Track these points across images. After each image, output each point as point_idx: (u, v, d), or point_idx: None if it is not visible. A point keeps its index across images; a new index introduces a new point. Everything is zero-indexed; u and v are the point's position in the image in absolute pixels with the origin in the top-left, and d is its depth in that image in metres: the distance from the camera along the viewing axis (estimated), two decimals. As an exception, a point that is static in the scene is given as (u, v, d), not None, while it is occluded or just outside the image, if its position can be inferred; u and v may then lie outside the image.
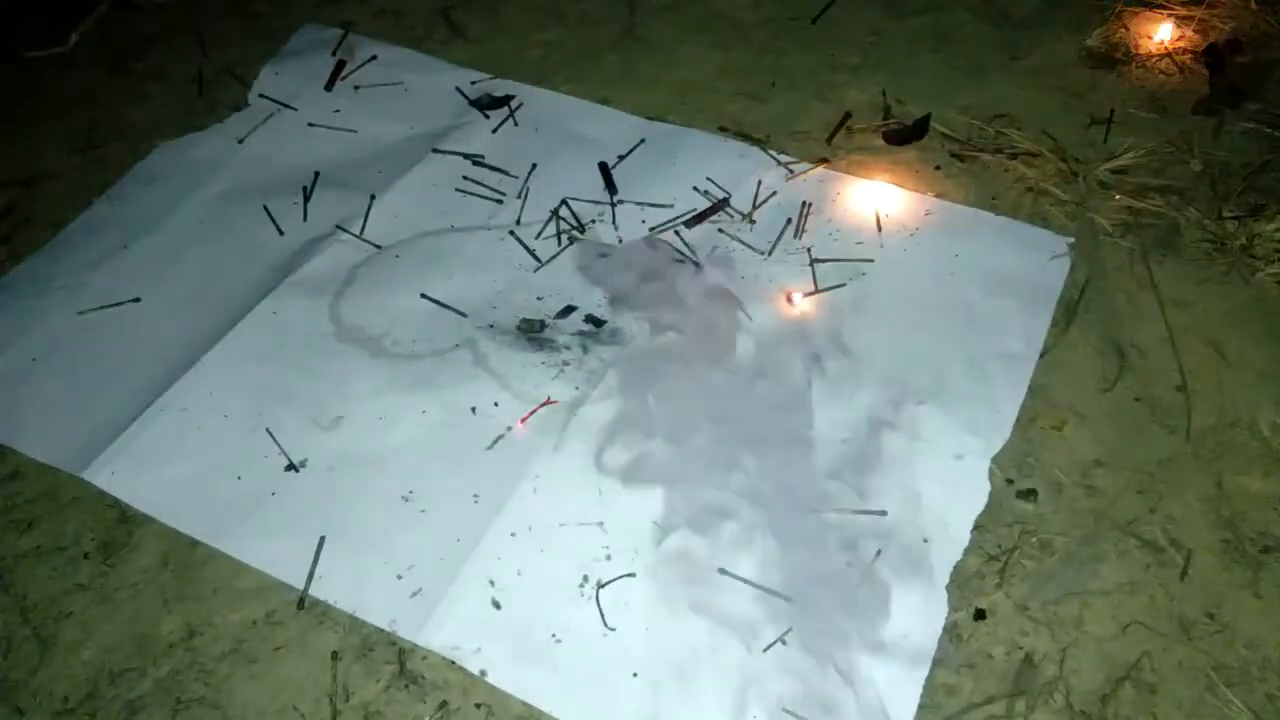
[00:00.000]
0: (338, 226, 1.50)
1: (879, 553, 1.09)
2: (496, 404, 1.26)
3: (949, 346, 1.28)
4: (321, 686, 1.04)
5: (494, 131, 1.63)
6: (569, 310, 1.37)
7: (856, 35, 1.75)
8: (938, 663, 1.02)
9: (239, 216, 1.53)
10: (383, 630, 1.07)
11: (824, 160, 1.54)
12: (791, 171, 1.52)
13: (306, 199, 1.54)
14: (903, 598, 1.06)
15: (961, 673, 1.02)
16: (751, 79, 1.69)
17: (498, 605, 1.08)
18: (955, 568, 1.08)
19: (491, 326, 1.35)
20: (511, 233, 1.47)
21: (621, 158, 1.56)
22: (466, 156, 1.58)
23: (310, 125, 1.66)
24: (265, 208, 1.53)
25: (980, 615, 1.06)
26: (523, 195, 1.52)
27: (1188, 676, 1.00)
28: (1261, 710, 0.98)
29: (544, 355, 1.31)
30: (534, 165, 1.56)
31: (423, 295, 1.39)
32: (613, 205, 1.50)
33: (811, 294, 1.36)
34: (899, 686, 1.00)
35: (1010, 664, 1.02)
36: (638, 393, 1.25)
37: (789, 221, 1.45)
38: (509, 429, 1.23)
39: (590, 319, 1.35)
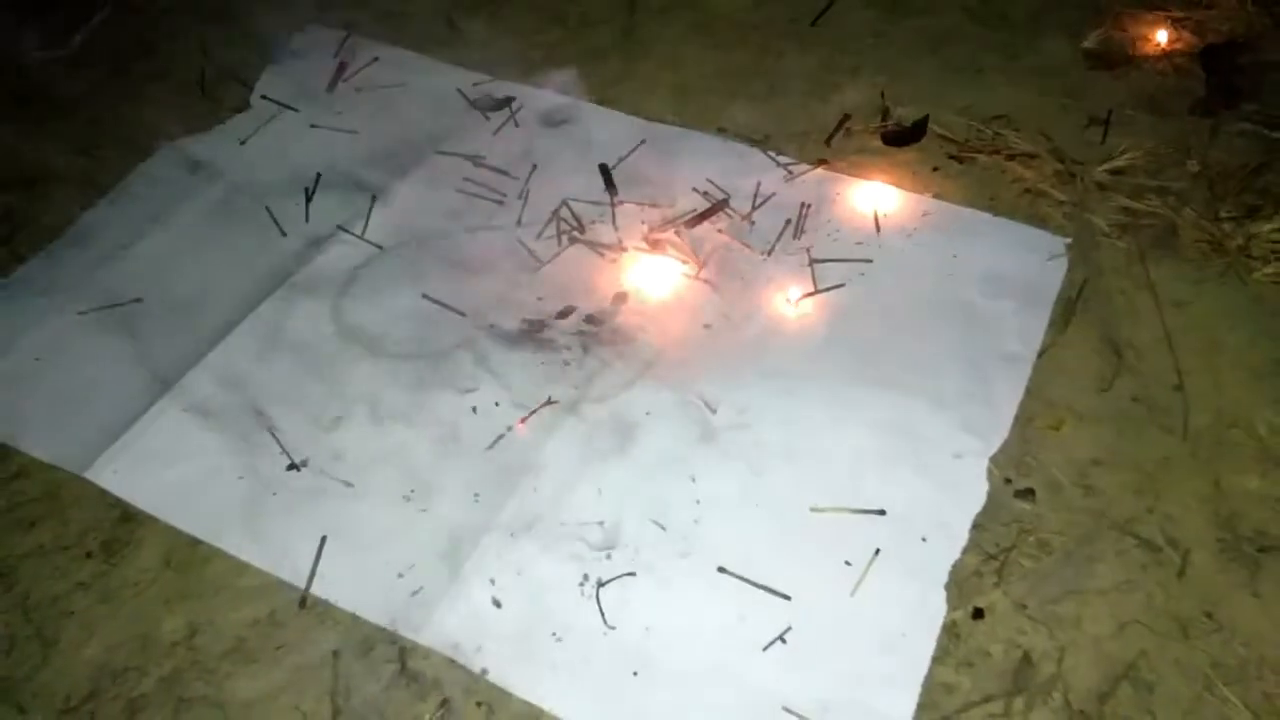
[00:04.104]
0: (339, 227, 1.50)
1: (878, 552, 1.10)
2: (496, 404, 1.26)
3: (947, 346, 1.29)
4: (323, 685, 1.04)
5: (495, 133, 1.64)
6: (569, 310, 1.37)
7: (855, 37, 1.76)
8: (936, 661, 1.02)
9: (241, 217, 1.53)
10: (384, 629, 1.07)
11: (823, 161, 1.54)
12: (791, 172, 1.53)
13: (308, 200, 1.55)
14: (901, 597, 1.07)
15: (960, 671, 1.02)
16: (751, 80, 1.69)
17: (498, 604, 1.09)
18: (953, 567, 1.09)
19: (492, 327, 1.36)
20: (512, 233, 1.48)
21: (622, 159, 1.57)
22: (468, 157, 1.59)
23: (312, 126, 1.67)
24: (267, 208, 1.53)
25: (978, 614, 1.06)
26: (523, 196, 1.53)
27: (1185, 675, 1.01)
28: (1259, 708, 0.98)
29: (544, 355, 1.31)
30: (534, 166, 1.56)
31: (424, 296, 1.40)
32: (613, 206, 1.50)
33: (810, 294, 1.36)
34: (898, 685, 1.01)
35: (1008, 663, 1.03)
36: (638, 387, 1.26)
37: (788, 222, 1.45)
38: (509, 429, 1.23)
39: (590, 319, 1.36)
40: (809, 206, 1.47)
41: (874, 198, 1.48)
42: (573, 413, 1.25)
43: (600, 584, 1.09)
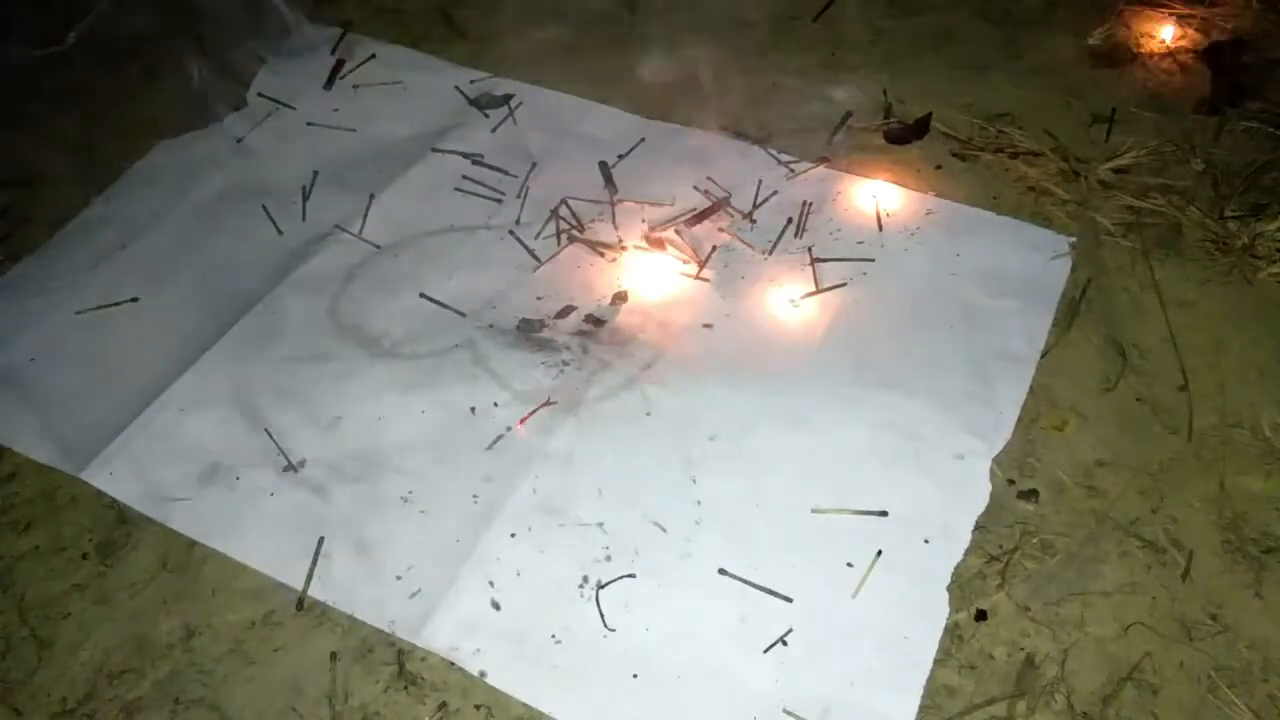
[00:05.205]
0: (337, 226, 1.49)
1: (880, 553, 1.09)
2: (496, 404, 1.25)
3: (950, 346, 1.28)
4: (320, 687, 1.04)
5: (493, 131, 1.63)
6: (569, 310, 1.36)
7: (857, 34, 1.75)
8: (938, 663, 1.02)
9: (237, 216, 1.53)
10: (382, 631, 1.07)
11: (824, 159, 1.53)
12: (792, 171, 1.52)
13: (305, 198, 1.54)
14: (903, 598, 1.06)
15: (962, 674, 1.02)
16: (751, 78, 1.68)
17: (497, 606, 1.08)
18: (956, 568, 1.08)
19: (491, 326, 1.35)
20: (511, 232, 1.47)
21: (621, 156, 1.56)
22: (466, 156, 1.58)
23: (309, 124, 1.66)
24: (264, 207, 1.53)
25: (981, 616, 1.05)
26: (522, 194, 1.52)
27: (1189, 677, 1.00)
28: (1263, 711, 0.97)
29: (544, 355, 1.30)
30: (534, 164, 1.55)
31: (422, 295, 1.39)
32: (612, 204, 1.49)
33: (812, 294, 1.35)
34: (900, 687, 1.00)
35: (1011, 665, 1.02)
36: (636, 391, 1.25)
37: (789, 221, 1.44)
38: (509, 429, 1.23)
39: (590, 319, 1.35)
40: (810, 205, 1.46)
41: (876, 196, 1.47)
42: (572, 413, 1.24)
43: (600, 586, 1.08)
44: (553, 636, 1.05)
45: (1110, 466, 1.16)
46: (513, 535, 1.13)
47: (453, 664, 1.04)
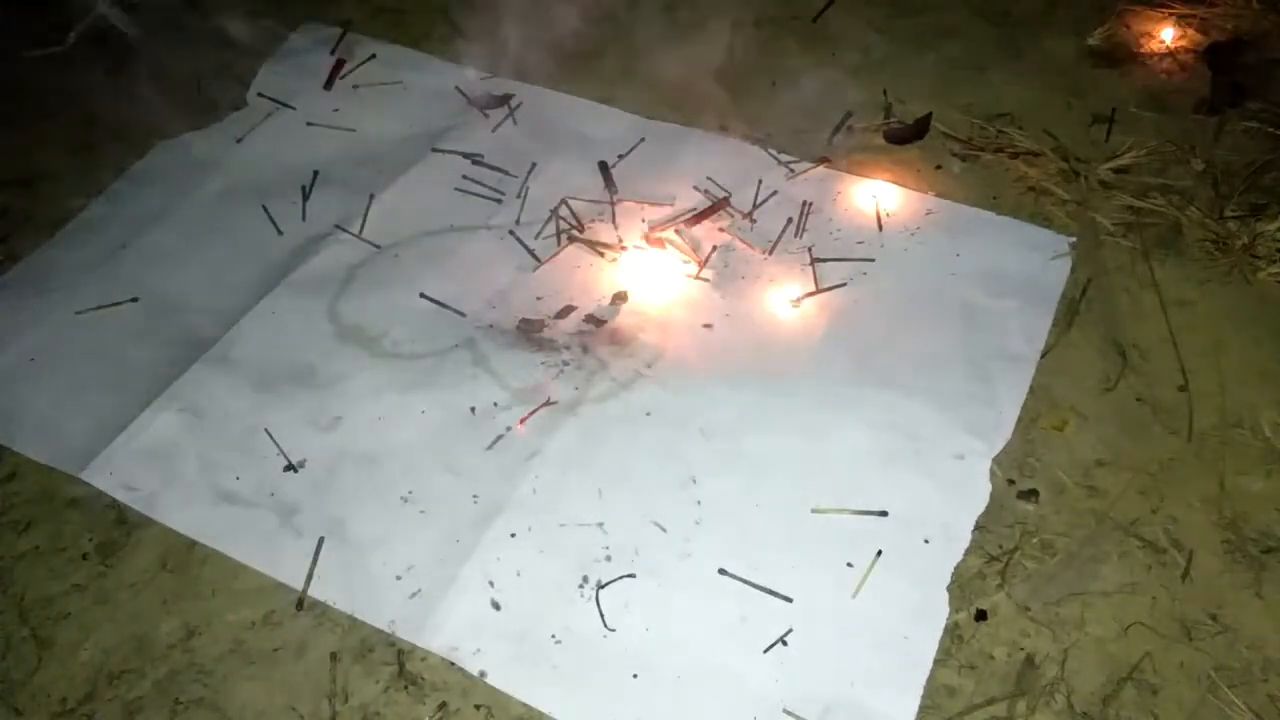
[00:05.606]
0: (336, 226, 1.49)
1: (880, 553, 1.09)
2: (496, 404, 1.25)
3: (950, 346, 1.28)
4: (320, 688, 1.04)
5: (493, 131, 1.63)
6: (569, 310, 1.36)
7: (857, 34, 1.75)
8: (938, 663, 1.02)
9: (237, 216, 1.53)
10: (382, 631, 1.07)
11: (824, 159, 1.53)
12: (792, 171, 1.52)
13: (305, 198, 1.54)
14: (903, 598, 1.06)
15: (962, 674, 1.02)
16: (752, 77, 1.68)
17: (497, 606, 1.08)
18: (956, 568, 1.08)
19: (491, 326, 1.35)
20: (511, 232, 1.47)
21: (621, 157, 1.56)
22: (466, 156, 1.58)
23: (309, 124, 1.66)
24: (264, 207, 1.53)
25: (981, 616, 1.05)
26: (522, 195, 1.52)
27: (1189, 677, 1.00)
28: (1263, 711, 0.97)
29: (544, 355, 1.30)
30: (533, 164, 1.55)
31: (422, 295, 1.39)
32: (612, 204, 1.49)
33: (812, 294, 1.35)
34: (899, 687, 1.00)
35: (1011, 665, 1.02)
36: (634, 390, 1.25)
37: (790, 221, 1.44)
38: (509, 429, 1.23)
39: (590, 319, 1.35)
40: (810, 205, 1.46)
41: (876, 196, 1.47)
42: (572, 413, 1.24)
43: (600, 586, 1.08)
44: (553, 636, 1.05)
45: (1110, 466, 1.16)
46: (513, 535, 1.13)
47: (453, 664, 1.04)
